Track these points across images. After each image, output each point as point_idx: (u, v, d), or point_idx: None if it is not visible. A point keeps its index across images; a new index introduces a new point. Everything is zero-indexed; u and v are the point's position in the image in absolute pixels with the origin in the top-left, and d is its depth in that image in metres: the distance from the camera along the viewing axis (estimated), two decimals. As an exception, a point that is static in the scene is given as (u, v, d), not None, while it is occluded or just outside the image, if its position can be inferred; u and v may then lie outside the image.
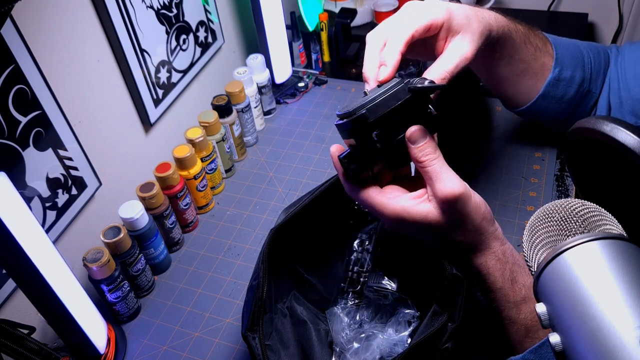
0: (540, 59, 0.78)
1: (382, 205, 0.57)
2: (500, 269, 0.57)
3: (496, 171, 0.92)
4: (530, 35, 0.76)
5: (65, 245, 0.77)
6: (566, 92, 0.80)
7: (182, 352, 0.76)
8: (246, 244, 0.89)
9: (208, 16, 1.03)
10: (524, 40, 0.75)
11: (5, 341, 0.60)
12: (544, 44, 0.78)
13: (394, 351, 0.65)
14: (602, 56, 0.82)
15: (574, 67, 0.80)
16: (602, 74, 0.81)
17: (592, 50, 0.82)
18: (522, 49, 0.75)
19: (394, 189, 0.59)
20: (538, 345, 0.56)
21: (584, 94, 0.81)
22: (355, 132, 0.55)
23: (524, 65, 0.77)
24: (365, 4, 1.38)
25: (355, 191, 0.59)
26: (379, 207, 0.57)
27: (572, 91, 0.80)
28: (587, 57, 0.81)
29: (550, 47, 0.79)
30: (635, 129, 0.47)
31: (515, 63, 0.77)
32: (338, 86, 1.19)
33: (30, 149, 0.69)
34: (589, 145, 0.53)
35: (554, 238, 0.39)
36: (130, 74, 0.84)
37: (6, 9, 0.59)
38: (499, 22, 0.70)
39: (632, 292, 0.33)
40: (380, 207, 0.57)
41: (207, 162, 0.93)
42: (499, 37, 0.70)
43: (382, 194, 0.57)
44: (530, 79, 0.79)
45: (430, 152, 0.54)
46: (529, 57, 0.77)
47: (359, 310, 0.70)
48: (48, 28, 0.70)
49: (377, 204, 0.57)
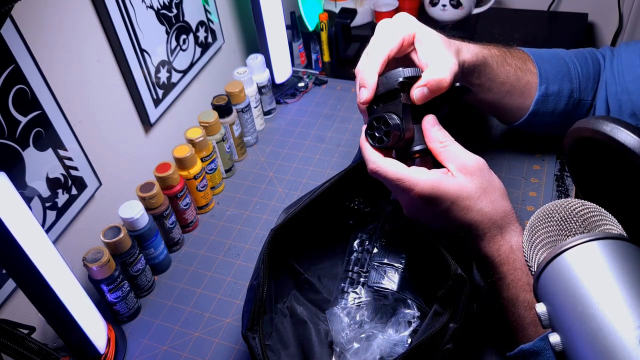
0: (523, 78, 0.78)
1: (414, 179, 0.56)
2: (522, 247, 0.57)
3: (496, 171, 0.91)
4: (506, 57, 0.76)
5: (65, 245, 0.77)
6: (556, 106, 0.80)
7: (182, 352, 0.76)
8: (246, 244, 0.89)
9: (208, 16, 1.03)
10: (502, 62, 0.75)
11: (5, 341, 0.60)
12: (523, 63, 0.78)
13: (394, 351, 0.65)
14: (590, 62, 0.81)
15: (560, 80, 0.79)
16: (592, 81, 0.81)
17: (578, 59, 0.81)
18: (500, 71, 0.75)
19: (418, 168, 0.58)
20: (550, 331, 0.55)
21: (575, 104, 0.81)
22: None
23: (508, 87, 0.77)
24: (365, 4, 1.38)
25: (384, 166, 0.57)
26: (410, 181, 0.56)
27: (563, 104, 0.80)
28: (573, 67, 0.80)
29: (532, 65, 0.79)
30: (635, 129, 0.47)
31: (497, 86, 0.76)
32: (338, 86, 1.19)
33: (30, 149, 0.69)
34: (589, 145, 0.53)
35: (554, 238, 0.39)
36: (130, 74, 0.84)
37: (6, 9, 0.59)
38: (471, 49, 0.70)
39: (632, 292, 0.33)
40: (410, 181, 0.56)
41: (207, 162, 0.93)
42: (474, 64, 0.70)
43: (410, 170, 0.57)
44: (518, 98, 0.79)
45: (447, 133, 0.60)
46: (511, 78, 0.77)
47: (359, 310, 0.70)
48: (48, 28, 0.70)
49: (408, 177, 0.56)
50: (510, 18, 1.36)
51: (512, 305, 0.59)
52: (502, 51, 0.77)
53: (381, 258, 0.69)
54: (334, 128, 1.08)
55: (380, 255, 0.70)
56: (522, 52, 0.80)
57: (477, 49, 0.71)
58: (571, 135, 0.55)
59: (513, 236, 0.58)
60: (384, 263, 0.69)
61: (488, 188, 0.58)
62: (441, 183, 0.56)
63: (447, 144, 0.59)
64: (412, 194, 0.56)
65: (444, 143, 0.59)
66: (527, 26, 1.32)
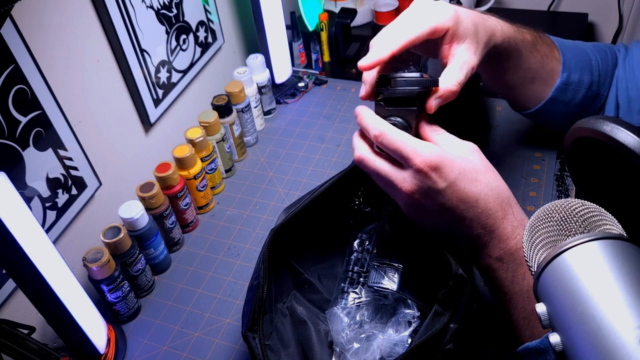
0: (548, 65, 0.78)
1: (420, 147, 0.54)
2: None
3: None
4: (537, 43, 0.76)
5: (65, 245, 0.77)
6: (574, 96, 0.80)
7: (182, 352, 0.76)
8: (246, 244, 0.89)
9: (208, 16, 1.03)
10: (531, 49, 0.75)
11: (5, 341, 0.60)
12: (550, 50, 0.78)
13: (394, 351, 0.64)
14: (609, 57, 0.81)
15: (582, 71, 0.79)
16: (610, 75, 0.81)
17: (599, 52, 0.81)
18: (529, 57, 0.75)
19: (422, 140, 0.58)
20: None
21: (592, 97, 0.81)
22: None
23: (532, 73, 0.77)
24: (365, 4, 1.38)
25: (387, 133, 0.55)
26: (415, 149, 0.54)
27: (581, 95, 0.80)
28: (594, 59, 0.80)
29: (557, 52, 0.79)
30: (635, 129, 0.47)
31: (522, 71, 0.76)
32: (338, 86, 1.19)
33: (30, 149, 0.69)
34: (589, 145, 0.53)
35: (554, 238, 0.39)
36: (130, 74, 0.84)
37: (6, 9, 0.59)
38: (505, 33, 0.69)
39: (632, 292, 0.33)
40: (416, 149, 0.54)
41: (207, 162, 0.93)
42: (505, 48, 0.70)
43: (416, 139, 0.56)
44: (539, 85, 0.79)
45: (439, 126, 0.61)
46: (537, 65, 0.76)
47: (359, 310, 0.70)
48: (48, 28, 0.70)
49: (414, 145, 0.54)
50: (510, 18, 1.35)
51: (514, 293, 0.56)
52: (534, 37, 0.76)
53: (381, 258, 0.69)
54: (334, 128, 1.08)
55: (380, 255, 0.70)
56: (549, 38, 0.80)
57: (512, 32, 0.71)
58: (571, 135, 0.55)
59: (524, 216, 0.57)
60: (384, 263, 0.69)
61: (489, 166, 0.58)
62: (447, 153, 0.55)
63: (441, 132, 0.60)
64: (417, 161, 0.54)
65: (438, 131, 0.60)
66: (527, 26, 1.31)
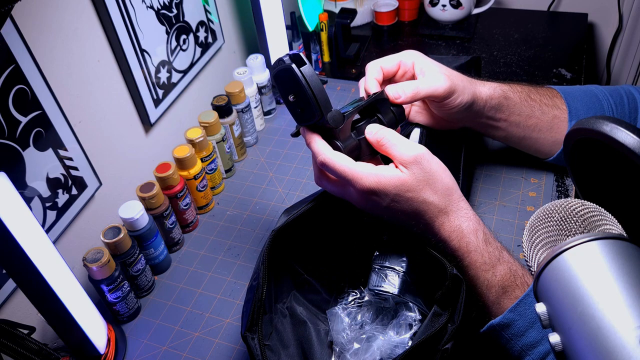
0: (549, 112, 0.79)
1: (358, 175, 0.58)
2: (474, 230, 0.59)
3: (496, 171, 0.92)
4: (530, 92, 0.79)
5: (65, 245, 0.77)
6: None
7: (182, 352, 0.76)
8: (246, 244, 0.89)
9: (208, 16, 1.03)
10: (525, 97, 0.78)
11: (5, 341, 0.60)
12: (550, 99, 0.79)
13: (395, 353, 0.64)
14: (625, 100, 0.80)
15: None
16: (627, 118, 0.80)
17: (612, 96, 0.81)
18: (524, 105, 0.78)
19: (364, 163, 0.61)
20: (516, 303, 0.58)
21: None
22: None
23: (534, 120, 0.79)
24: (365, 4, 1.38)
25: (333, 158, 0.59)
26: (354, 176, 0.58)
27: None
28: (606, 104, 0.80)
29: (560, 101, 0.80)
30: (635, 129, 0.47)
31: (524, 120, 0.79)
32: (338, 86, 1.19)
33: (30, 149, 0.69)
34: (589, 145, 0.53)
35: (553, 238, 0.39)
36: (130, 74, 0.84)
37: (6, 9, 0.59)
38: (490, 85, 0.75)
39: (632, 292, 0.33)
40: (355, 176, 0.58)
41: (207, 162, 0.93)
42: (495, 98, 0.75)
43: (356, 164, 0.59)
44: (547, 133, 0.80)
45: (381, 128, 0.62)
46: (536, 113, 0.78)
47: (360, 311, 0.70)
48: (48, 28, 0.70)
49: (353, 173, 0.58)
50: (510, 18, 1.36)
51: (474, 286, 0.61)
52: (526, 87, 0.79)
53: (382, 261, 0.69)
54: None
55: (381, 259, 0.70)
56: (550, 89, 0.81)
57: (497, 84, 0.77)
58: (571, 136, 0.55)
59: (463, 221, 0.60)
60: (384, 266, 0.69)
61: (429, 179, 0.59)
62: (382, 178, 0.58)
63: (384, 141, 0.60)
64: (357, 187, 0.59)
65: (381, 140, 0.61)
66: (527, 26, 1.32)
